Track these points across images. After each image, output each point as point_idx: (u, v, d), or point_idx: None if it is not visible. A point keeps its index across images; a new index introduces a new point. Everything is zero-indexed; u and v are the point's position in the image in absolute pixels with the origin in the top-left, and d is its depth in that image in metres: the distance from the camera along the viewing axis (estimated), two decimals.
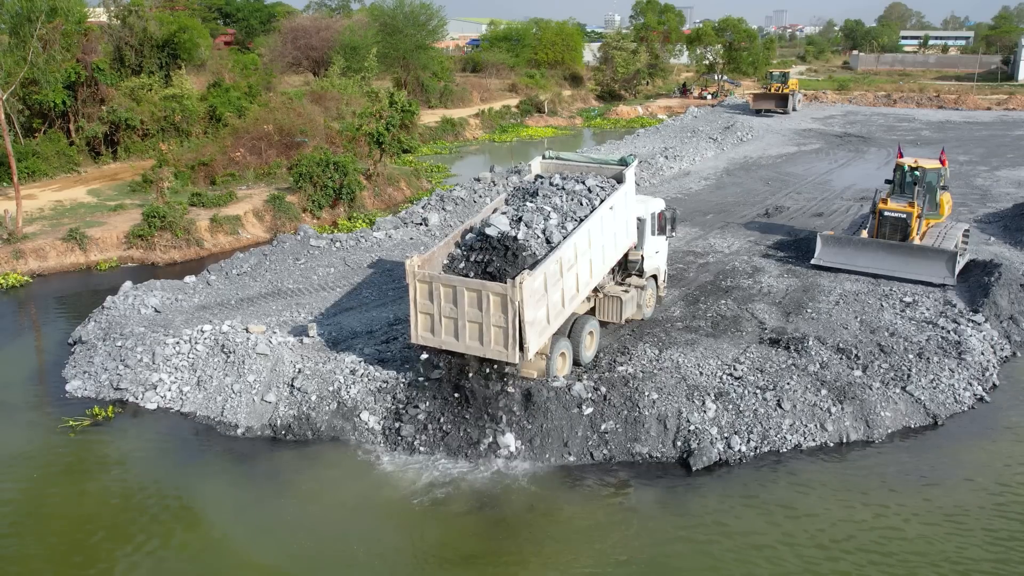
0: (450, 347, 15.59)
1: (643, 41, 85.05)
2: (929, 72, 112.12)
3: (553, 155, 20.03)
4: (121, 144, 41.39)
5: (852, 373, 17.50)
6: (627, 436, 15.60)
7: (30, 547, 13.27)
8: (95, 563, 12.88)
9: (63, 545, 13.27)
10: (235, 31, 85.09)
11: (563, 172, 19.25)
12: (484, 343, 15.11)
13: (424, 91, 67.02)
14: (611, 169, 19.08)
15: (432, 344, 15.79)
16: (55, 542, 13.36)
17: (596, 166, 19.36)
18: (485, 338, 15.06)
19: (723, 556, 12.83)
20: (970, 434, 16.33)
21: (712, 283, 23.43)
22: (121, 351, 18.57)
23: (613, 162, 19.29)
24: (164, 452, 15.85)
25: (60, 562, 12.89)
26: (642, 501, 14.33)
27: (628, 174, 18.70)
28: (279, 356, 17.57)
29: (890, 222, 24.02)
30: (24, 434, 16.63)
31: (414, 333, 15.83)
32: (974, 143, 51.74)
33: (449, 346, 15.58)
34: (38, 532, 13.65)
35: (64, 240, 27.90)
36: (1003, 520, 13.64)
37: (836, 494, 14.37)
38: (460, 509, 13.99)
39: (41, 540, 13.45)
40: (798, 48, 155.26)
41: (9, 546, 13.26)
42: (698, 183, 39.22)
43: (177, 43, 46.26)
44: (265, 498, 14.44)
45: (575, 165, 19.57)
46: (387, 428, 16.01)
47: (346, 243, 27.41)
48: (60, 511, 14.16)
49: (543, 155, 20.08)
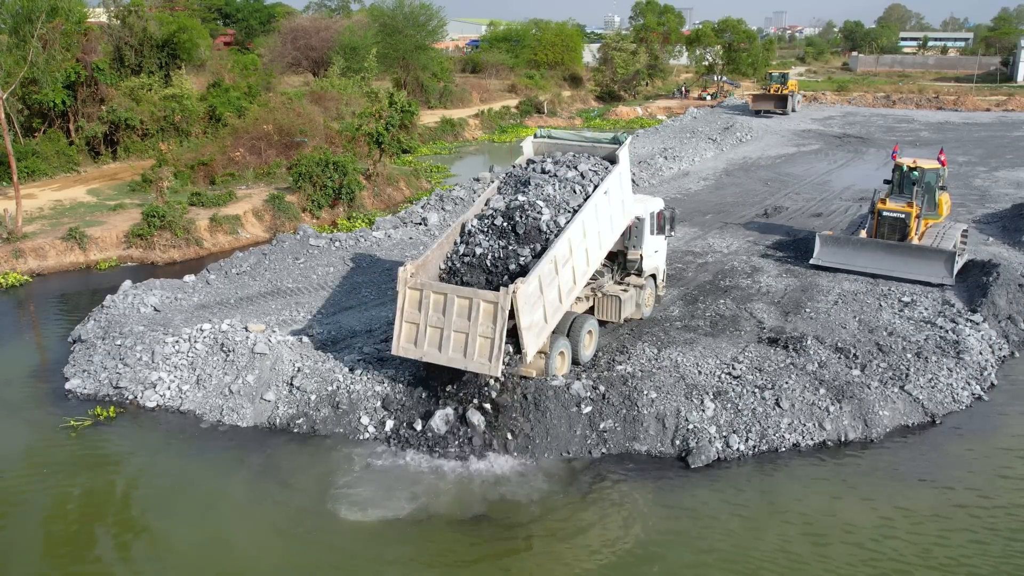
0: (431, 359, 15.44)
1: (643, 42, 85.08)
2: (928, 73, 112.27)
3: (545, 133, 19.75)
4: (121, 144, 41.42)
5: (850, 372, 17.53)
6: (626, 435, 15.63)
7: (31, 545, 13.28)
8: (95, 561, 12.91)
9: (64, 543, 13.29)
10: (235, 31, 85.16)
11: (555, 154, 18.91)
12: (467, 355, 14.96)
13: (424, 91, 67.06)
14: (604, 148, 18.75)
15: (413, 356, 15.66)
16: (56, 540, 13.38)
17: (589, 145, 19.02)
18: (469, 350, 14.91)
19: (721, 554, 12.84)
20: (968, 433, 16.36)
21: (711, 283, 23.46)
22: (120, 350, 18.59)
23: (606, 140, 18.98)
24: (163, 451, 15.85)
25: (61, 560, 12.90)
26: (640, 500, 14.34)
27: (622, 153, 18.42)
28: (278, 355, 17.59)
29: (889, 222, 24.06)
30: (25, 432, 16.65)
31: (395, 344, 15.70)
32: (973, 144, 51.80)
33: (431, 358, 15.44)
34: (39, 530, 13.68)
35: (64, 239, 27.92)
36: (1000, 519, 13.66)
37: (834, 493, 14.40)
38: (458, 508, 13.99)
39: (42, 538, 13.48)
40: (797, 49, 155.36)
41: (10, 544, 13.26)
42: (697, 183, 39.27)
43: (177, 43, 46.31)
44: (264, 496, 14.45)
45: (568, 144, 19.28)
46: (386, 427, 16.01)
47: (345, 242, 27.44)
48: (61, 509, 14.19)
49: (535, 134, 19.80)
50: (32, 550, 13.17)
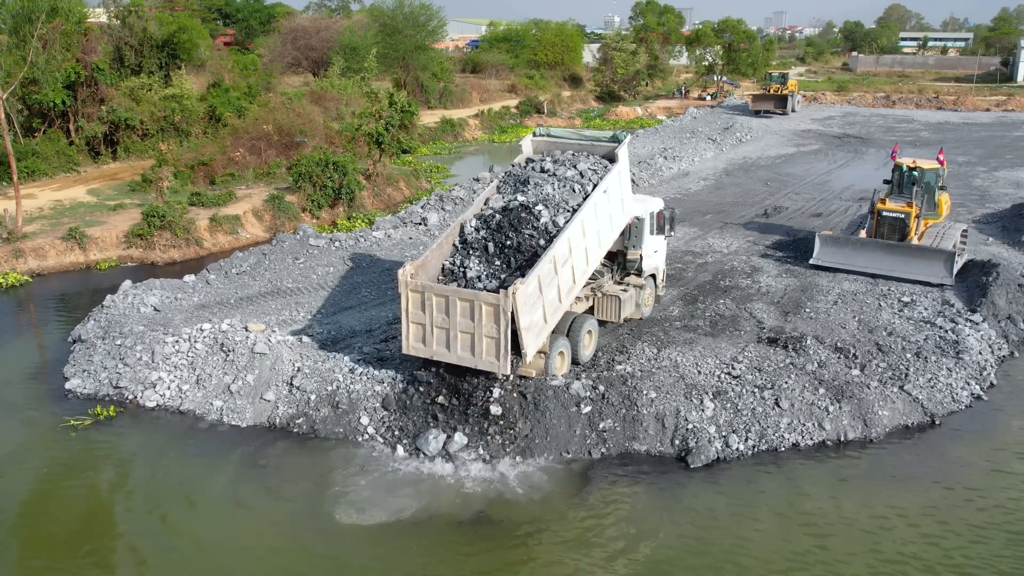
0: (441, 357, 15.55)
1: (642, 42, 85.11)
2: (928, 73, 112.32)
3: (544, 131, 19.76)
4: (121, 144, 41.46)
5: (850, 372, 17.54)
6: (625, 435, 15.63)
7: (29, 544, 13.30)
8: (96, 560, 12.90)
9: (62, 543, 13.28)
10: (235, 31, 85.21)
11: (555, 153, 18.91)
12: (476, 354, 15.08)
13: (424, 92, 67.09)
14: (604, 147, 18.75)
15: (424, 355, 15.79)
16: (54, 539, 13.37)
17: (588, 143, 19.03)
18: (476, 349, 15.02)
19: (719, 554, 12.85)
20: (967, 432, 16.36)
21: (711, 283, 23.47)
22: (120, 350, 18.60)
23: (605, 139, 18.99)
24: (163, 451, 15.85)
25: (59, 559, 12.90)
26: (639, 499, 14.34)
27: (621, 152, 18.41)
28: (278, 355, 17.60)
29: (888, 222, 24.07)
30: (25, 432, 16.67)
31: (405, 343, 15.85)
32: (973, 144, 51.81)
33: (441, 356, 15.55)
34: (37, 529, 13.69)
35: (64, 239, 27.93)
36: (998, 518, 13.66)
37: (832, 492, 14.40)
38: (458, 509, 13.98)
39: (40, 537, 13.48)
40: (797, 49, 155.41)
41: (8, 543, 13.27)
42: (697, 183, 39.28)
43: (177, 43, 46.35)
44: (263, 496, 14.45)
45: (567, 143, 19.28)
46: (385, 428, 16.02)
47: (345, 242, 27.45)
48: (61, 509, 14.20)
49: (534, 132, 19.80)
50: (30, 549, 13.18)
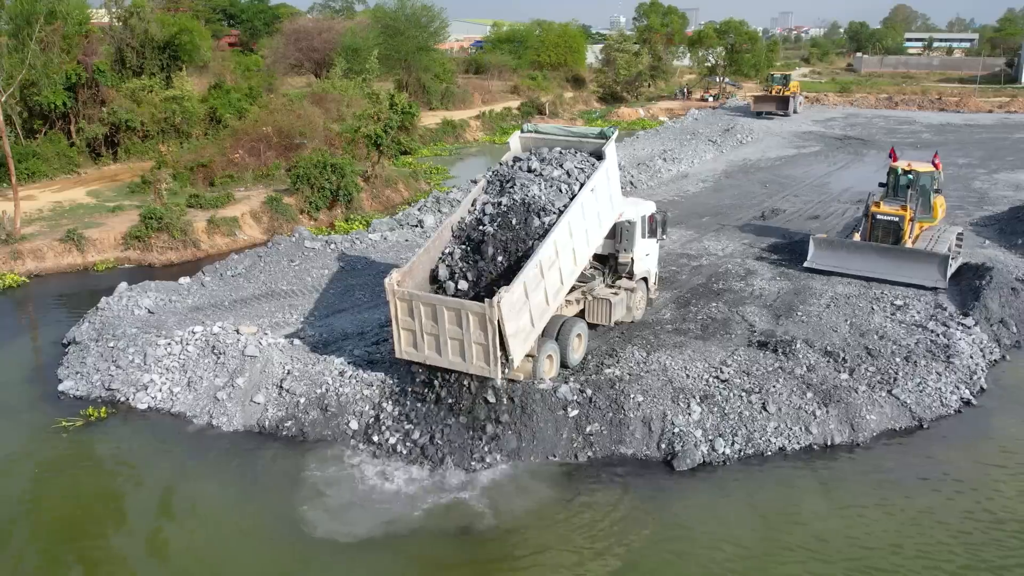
0: (434, 362, 15.62)
1: (646, 43, 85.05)
2: (933, 74, 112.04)
3: (532, 128, 19.73)
4: (121, 145, 41.63)
5: (839, 376, 17.53)
6: (612, 438, 15.67)
7: (23, 546, 13.39)
8: (87, 562, 13.01)
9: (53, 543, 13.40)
10: (239, 32, 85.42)
11: (542, 151, 18.83)
12: (466, 359, 15.15)
13: (426, 93, 67.12)
14: (591, 143, 18.69)
15: (416, 359, 15.84)
16: (45, 539, 13.50)
17: (576, 140, 18.96)
18: (467, 354, 15.09)
19: (704, 557, 12.88)
20: (955, 437, 16.34)
21: (704, 286, 23.47)
22: (113, 352, 18.71)
23: (593, 135, 18.92)
24: (154, 453, 15.94)
25: (49, 559, 13.00)
26: (625, 503, 14.36)
27: (609, 148, 18.36)
28: (268, 357, 17.68)
29: (883, 225, 24.05)
30: (17, 433, 16.77)
31: (397, 348, 15.90)
32: (974, 146, 51.66)
33: (433, 361, 15.62)
34: (29, 529, 13.80)
35: (62, 241, 28.09)
36: (981, 522, 13.66)
37: (818, 496, 14.42)
38: (443, 514, 14.00)
39: (34, 539, 13.59)
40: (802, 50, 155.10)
41: (2, 545, 13.35)
42: (696, 185, 39.26)
43: (178, 45, 46.46)
44: (252, 499, 14.53)
45: (554, 139, 19.21)
46: (373, 432, 16.05)
47: (341, 245, 27.51)
48: (53, 510, 14.31)
49: (522, 129, 19.73)
50: (22, 549, 13.26)
